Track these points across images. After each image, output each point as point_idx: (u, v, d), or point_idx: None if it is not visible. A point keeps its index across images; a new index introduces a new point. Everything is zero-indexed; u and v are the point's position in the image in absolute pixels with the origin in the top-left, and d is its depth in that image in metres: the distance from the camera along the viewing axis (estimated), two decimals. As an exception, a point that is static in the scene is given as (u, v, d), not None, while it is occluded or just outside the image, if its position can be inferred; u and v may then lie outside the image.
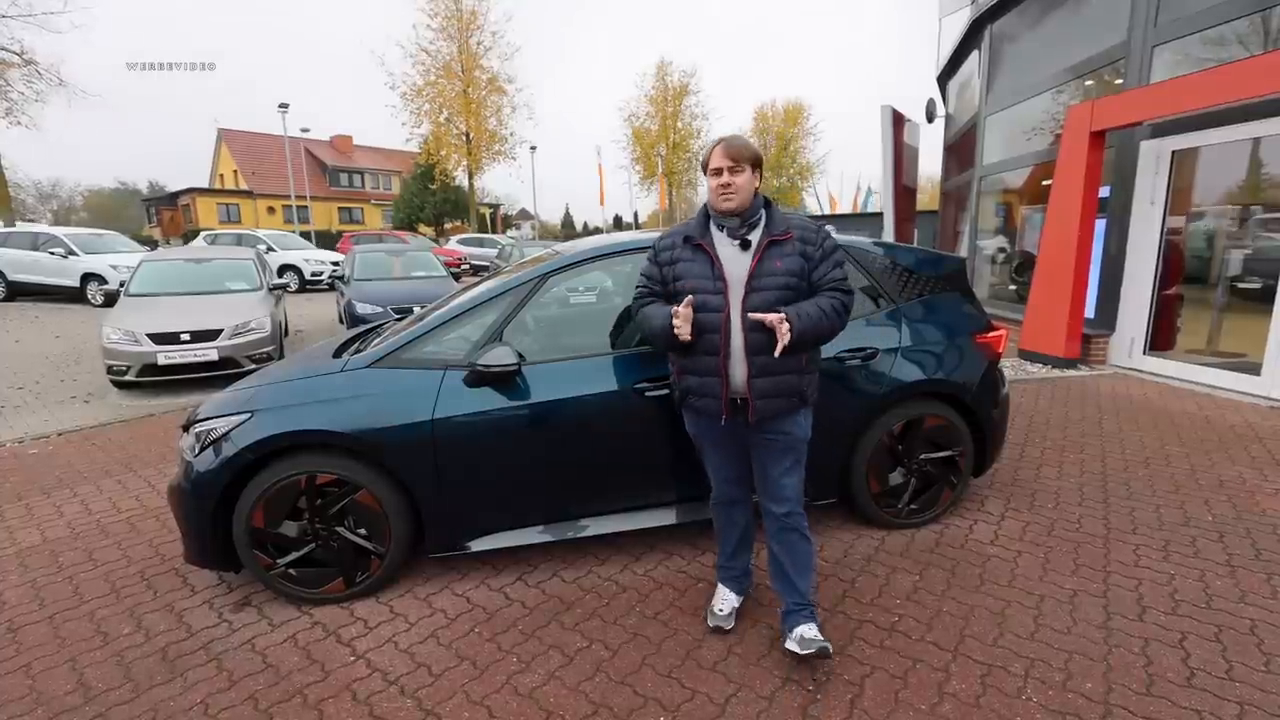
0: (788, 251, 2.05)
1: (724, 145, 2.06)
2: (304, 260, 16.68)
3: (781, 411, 2.10)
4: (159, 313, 6.41)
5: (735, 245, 2.07)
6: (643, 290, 2.24)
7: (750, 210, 2.08)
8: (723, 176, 2.04)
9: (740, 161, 2.04)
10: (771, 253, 2.05)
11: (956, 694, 2.03)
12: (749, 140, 2.13)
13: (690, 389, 2.16)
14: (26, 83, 19.21)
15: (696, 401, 2.16)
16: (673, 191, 36.46)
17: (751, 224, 2.08)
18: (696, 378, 2.12)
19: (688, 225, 2.18)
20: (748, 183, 2.06)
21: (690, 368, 2.14)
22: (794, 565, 2.20)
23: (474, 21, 27.69)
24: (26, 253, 13.26)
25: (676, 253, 2.14)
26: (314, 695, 2.09)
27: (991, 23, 9.29)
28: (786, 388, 2.08)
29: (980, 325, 3.24)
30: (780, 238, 2.06)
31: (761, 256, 2.04)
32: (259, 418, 2.50)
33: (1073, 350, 6.51)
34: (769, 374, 2.04)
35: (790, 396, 2.09)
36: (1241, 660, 2.16)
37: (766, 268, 2.03)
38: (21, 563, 3.00)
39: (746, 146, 2.09)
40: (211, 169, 45.15)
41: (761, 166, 2.12)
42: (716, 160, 2.05)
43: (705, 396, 2.11)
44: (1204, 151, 5.89)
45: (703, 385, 2.11)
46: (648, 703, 2.02)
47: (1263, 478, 3.71)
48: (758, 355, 2.02)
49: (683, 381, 2.20)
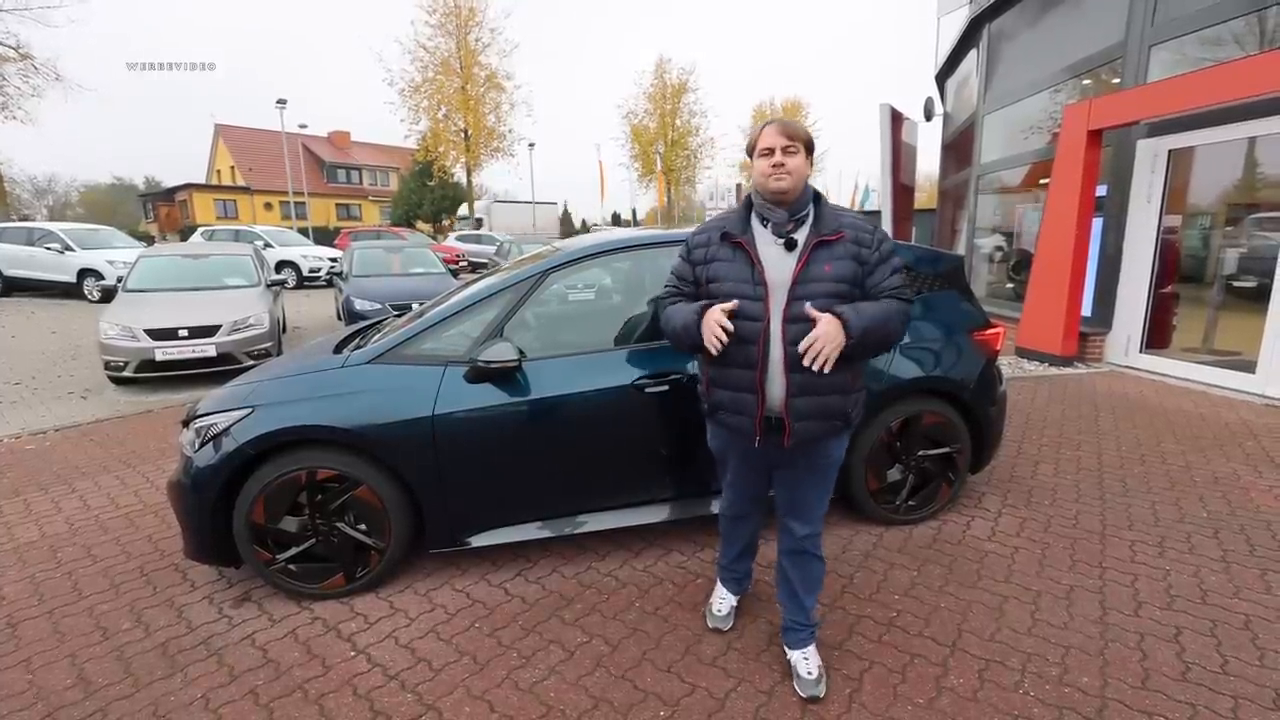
0: (839, 254, 1.81)
1: (778, 124, 1.84)
2: (302, 256, 16.63)
3: (821, 435, 1.88)
4: (157, 308, 6.40)
5: (779, 245, 1.84)
6: (671, 289, 2.02)
7: (799, 203, 1.86)
8: (775, 156, 1.80)
9: (795, 140, 1.82)
10: (820, 255, 1.80)
11: (954, 688, 2.04)
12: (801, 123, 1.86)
13: (721, 404, 1.95)
14: (23, 78, 19.14)
15: (728, 418, 1.94)
16: (671, 189, 36.39)
17: (799, 220, 1.85)
18: (729, 392, 1.90)
19: (725, 219, 1.95)
20: (801, 166, 1.83)
21: (722, 380, 1.92)
22: (804, 584, 2.09)
23: (472, 18, 27.58)
24: (23, 248, 13.21)
25: (713, 250, 1.92)
26: (314, 690, 2.09)
27: (990, 22, 9.30)
28: (829, 409, 1.85)
29: (978, 323, 3.25)
30: (830, 238, 1.81)
31: (809, 259, 1.79)
32: (260, 413, 2.50)
33: (1069, 348, 6.54)
34: (810, 393, 1.81)
35: (833, 419, 1.86)
36: (1236, 654, 2.18)
37: (814, 272, 1.79)
38: (20, 558, 3.00)
39: (802, 127, 1.86)
40: (209, 164, 44.97)
41: (813, 152, 1.89)
42: (769, 139, 1.82)
43: (738, 414, 1.90)
44: (1200, 150, 5.92)
45: (735, 401, 1.89)
46: (647, 697, 2.03)
47: (1257, 474, 3.74)
48: (798, 371, 1.77)
49: (713, 395, 1.97)
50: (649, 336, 2.82)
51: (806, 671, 2.05)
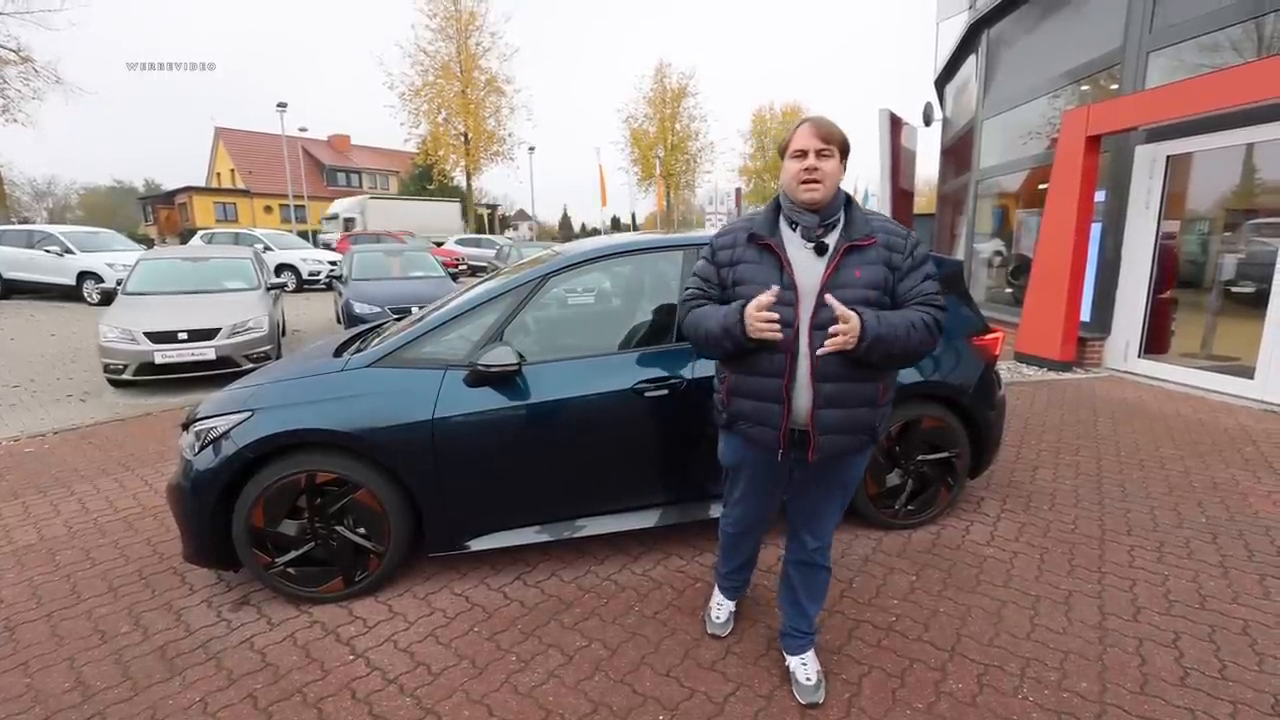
0: (870, 259, 1.74)
1: (812, 124, 1.74)
2: (301, 260, 16.63)
3: (847, 450, 1.82)
4: (156, 311, 6.39)
5: (809, 249, 1.76)
6: (694, 292, 1.93)
7: (831, 208, 1.77)
8: (808, 159, 1.71)
9: (831, 144, 1.72)
10: (850, 260, 1.73)
11: (953, 693, 2.04)
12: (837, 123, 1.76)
13: (743, 414, 1.85)
14: (23, 80, 19.15)
15: (749, 429, 1.85)
16: (670, 193, 36.48)
17: (830, 224, 1.77)
18: (752, 402, 1.81)
19: (752, 220, 1.86)
20: (835, 171, 1.74)
21: (746, 389, 1.83)
22: (809, 593, 2.07)
23: (473, 22, 27.74)
24: (22, 250, 13.20)
25: (739, 252, 1.83)
26: (313, 694, 2.09)
27: (989, 27, 9.34)
28: (857, 422, 1.77)
29: (977, 327, 3.26)
30: (861, 243, 1.74)
31: (839, 264, 1.72)
32: (259, 416, 2.51)
33: (1068, 353, 6.55)
34: (838, 405, 1.74)
35: (859, 433, 1.80)
36: (1235, 660, 2.18)
37: (844, 277, 1.72)
38: (18, 561, 3.00)
39: (838, 128, 1.75)
40: (208, 167, 45.02)
41: (848, 155, 1.79)
42: (802, 140, 1.73)
43: (761, 425, 1.81)
44: (1199, 156, 5.94)
45: (759, 411, 1.80)
46: (646, 701, 2.03)
47: (1256, 480, 3.74)
48: (826, 382, 1.72)
49: (734, 405, 1.88)
50: (649, 341, 2.83)
51: (805, 677, 2.05)
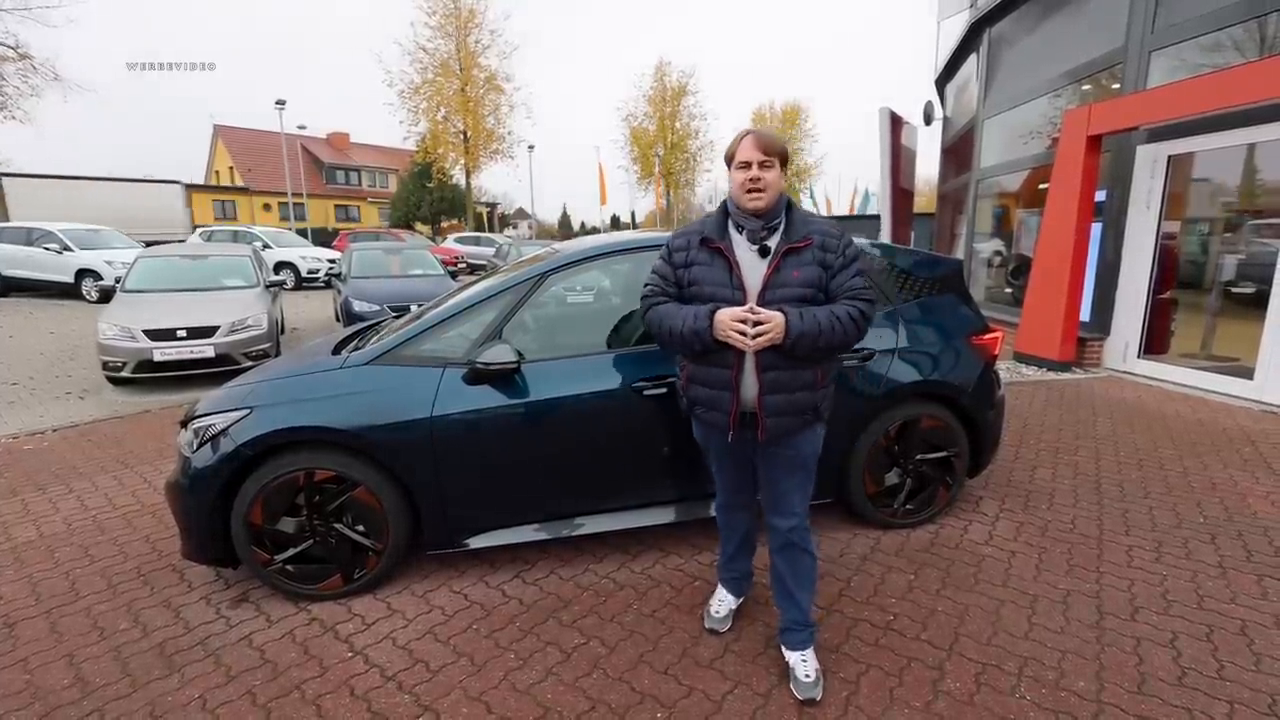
0: (806, 260, 1.91)
1: (754, 136, 1.90)
2: (300, 257, 16.62)
3: (793, 429, 1.99)
4: (155, 309, 6.39)
5: (754, 251, 1.93)
6: (654, 289, 2.07)
7: (773, 212, 1.94)
8: (751, 170, 1.88)
9: (771, 154, 1.89)
10: (789, 261, 1.90)
11: (951, 692, 2.05)
12: (777, 133, 1.94)
13: (698, 400, 2.05)
14: (22, 77, 19.10)
15: (704, 414, 2.05)
16: (670, 192, 36.45)
17: (772, 228, 1.93)
18: (706, 389, 2.01)
19: (704, 224, 2.03)
20: (777, 180, 1.91)
21: (701, 378, 2.02)
22: (795, 580, 2.12)
23: (472, 20, 27.66)
24: (21, 248, 13.20)
25: (692, 254, 2.00)
26: (312, 691, 2.09)
27: (990, 26, 9.33)
28: (798, 405, 1.96)
29: (977, 327, 3.26)
30: (799, 245, 1.91)
31: (778, 265, 1.90)
32: (258, 414, 2.51)
33: (1068, 353, 6.55)
34: (780, 390, 1.92)
35: (803, 413, 1.98)
36: (1232, 660, 2.18)
37: (783, 277, 1.89)
38: (18, 558, 3.00)
39: (778, 139, 1.94)
40: (207, 165, 44.90)
41: (788, 164, 1.98)
42: (746, 152, 1.89)
43: (713, 410, 2.00)
44: (1200, 156, 5.94)
45: (712, 398, 2.00)
46: (645, 699, 2.03)
47: (1254, 480, 3.74)
48: (769, 370, 1.90)
49: (690, 391, 2.08)
50: (647, 339, 2.83)
51: (804, 674, 2.06)
